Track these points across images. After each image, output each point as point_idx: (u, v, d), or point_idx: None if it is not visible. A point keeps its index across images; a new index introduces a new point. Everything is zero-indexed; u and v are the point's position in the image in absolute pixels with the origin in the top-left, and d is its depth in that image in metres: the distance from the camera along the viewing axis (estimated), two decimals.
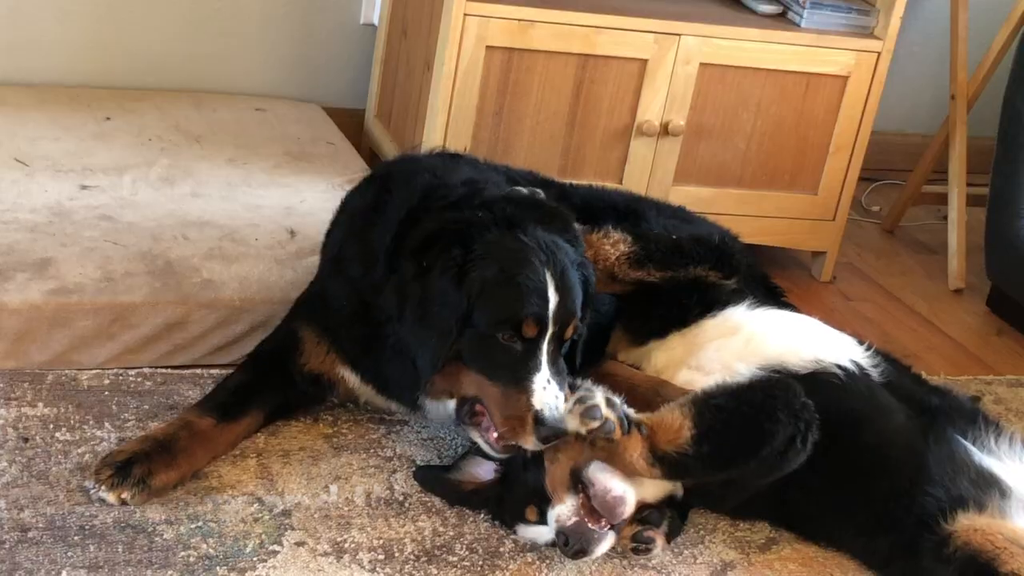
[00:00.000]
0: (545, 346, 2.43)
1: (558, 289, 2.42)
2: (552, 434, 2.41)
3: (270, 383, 2.75)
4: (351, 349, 2.71)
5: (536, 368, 2.42)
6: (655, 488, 2.55)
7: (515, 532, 2.58)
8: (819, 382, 2.63)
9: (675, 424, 2.46)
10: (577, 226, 2.69)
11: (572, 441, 2.47)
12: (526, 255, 2.43)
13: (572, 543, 2.45)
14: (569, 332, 2.48)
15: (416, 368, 2.51)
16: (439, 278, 2.43)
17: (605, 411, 2.42)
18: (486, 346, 2.44)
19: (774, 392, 2.52)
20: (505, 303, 2.41)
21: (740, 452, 2.49)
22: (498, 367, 2.44)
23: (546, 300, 2.41)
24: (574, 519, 2.46)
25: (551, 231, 2.53)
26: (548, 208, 2.65)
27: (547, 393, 2.41)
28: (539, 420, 2.40)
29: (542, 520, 2.51)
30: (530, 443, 2.43)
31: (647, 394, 2.63)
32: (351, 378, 2.75)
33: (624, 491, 2.46)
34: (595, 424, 2.41)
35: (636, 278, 2.83)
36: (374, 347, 2.63)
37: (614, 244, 2.81)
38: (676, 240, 2.86)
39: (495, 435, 2.49)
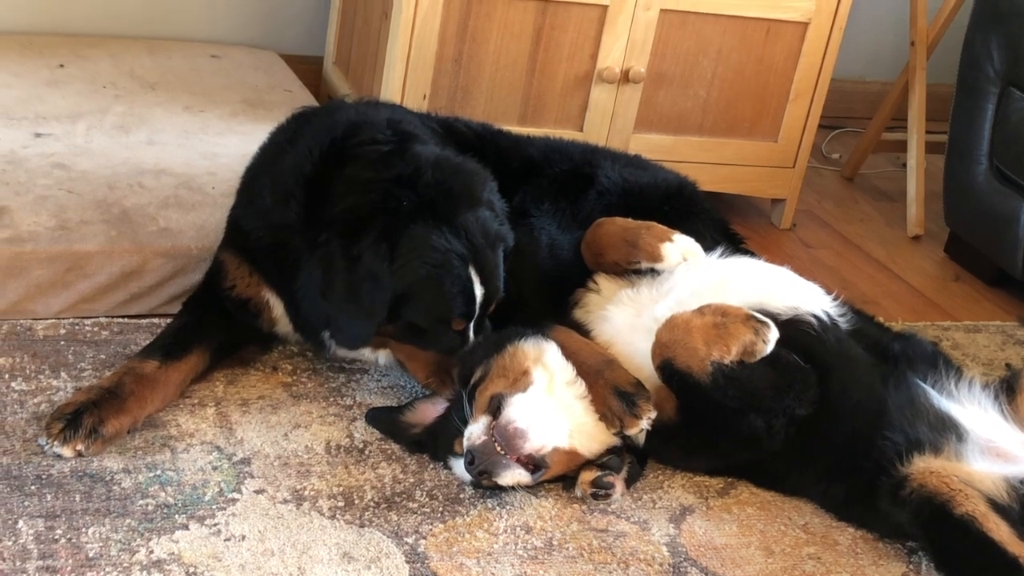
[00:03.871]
0: (473, 326, 2.60)
1: (483, 282, 2.58)
2: None
3: (209, 320, 2.77)
4: (272, 271, 2.73)
5: (466, 341, 2.62)
6: (592, 440, 2.55)
7: (449, 467, 2.58)
8: (795, 330, 2.63)
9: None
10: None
11: (503, 372, 2.53)
12: (450, 258, 2.53)
13: (477, 463, 2.42)
14: (493, 308, 2.63)
15: (345, 337, 2.65)
16: (369, 266, 2.51)
17: None
18: (418, 330, 2.61)
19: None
20: (434, 305, 2.57)
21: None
22: (430, 343, 2.64)
23: (472, 298, 2.58)
24: (483, 438, 2.44)
25: (473, 203, 2.61)
26: (469, 170, 2.70)
27: None
28: None
29: None
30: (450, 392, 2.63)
31: (590, 374, 2.59)
32: (276, 304, 2.77)
33: (529, 427, 2.42)
34: None
35: None
36: (293, 277, 2.66)
37: None
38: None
39: None
